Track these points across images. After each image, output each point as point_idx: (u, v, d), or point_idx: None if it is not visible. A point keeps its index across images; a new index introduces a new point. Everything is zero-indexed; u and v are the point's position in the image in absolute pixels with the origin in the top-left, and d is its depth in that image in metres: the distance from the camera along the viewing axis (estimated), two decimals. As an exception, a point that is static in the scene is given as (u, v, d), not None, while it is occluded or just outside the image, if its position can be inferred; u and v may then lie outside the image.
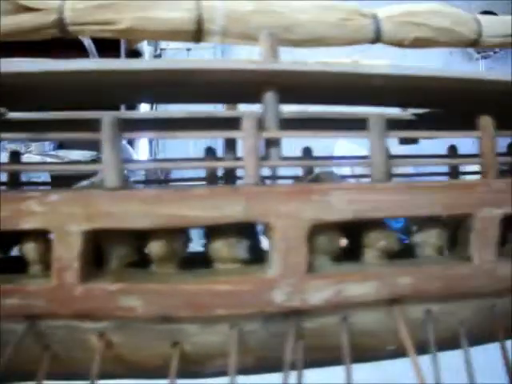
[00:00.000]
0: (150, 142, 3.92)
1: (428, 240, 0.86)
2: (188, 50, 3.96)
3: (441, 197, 0.80)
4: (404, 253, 0.87)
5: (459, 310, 0.85)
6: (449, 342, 0.84)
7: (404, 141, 1.21)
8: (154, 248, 0.76)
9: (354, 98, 0.95)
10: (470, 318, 0.85)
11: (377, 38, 0.87)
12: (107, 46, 2.80)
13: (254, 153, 0.72)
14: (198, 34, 0.81)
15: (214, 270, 0.78)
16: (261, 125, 0.75)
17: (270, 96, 0.75)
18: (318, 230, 0.77)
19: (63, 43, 1.09)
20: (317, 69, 0.74)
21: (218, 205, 0.70)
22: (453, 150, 1.13)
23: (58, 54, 1.37)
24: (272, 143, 0.77)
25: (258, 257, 0.81)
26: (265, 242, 0.86)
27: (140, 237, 0.76)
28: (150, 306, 0.71)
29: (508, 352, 0.84)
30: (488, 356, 1.01)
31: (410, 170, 2.57)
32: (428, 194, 0.79)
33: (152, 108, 3.03)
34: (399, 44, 0.89)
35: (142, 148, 3.92)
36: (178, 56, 3.95)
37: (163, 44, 3.94)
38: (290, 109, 0.90)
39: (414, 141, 1.24)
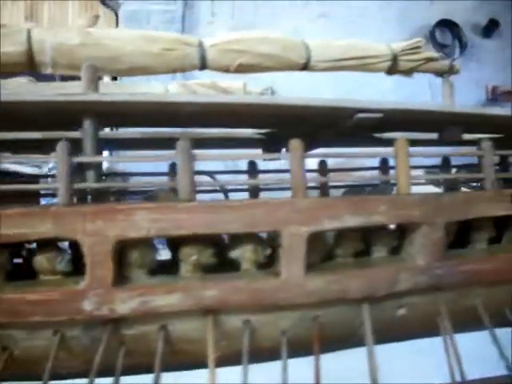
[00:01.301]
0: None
1: (244, 255, 0.92)
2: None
3: (246, 215, 0.86)
4: (228, 266, 0.94)
5: (279, 320, 0.92)
6: (271, 350, 0.91)
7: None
8: None
9: (171, 121, 1.02)
10: (292, 328, 0.93)
11: (203, 65, 0.96)
12: None
13: (65, 176, 0.80)
14: (31, 65, 0.90)
15: (37, 280, 0.87)
16: (80, 149, 0.84)
17: (87, 123, 0.84)
18: (130, 245, 0.86)
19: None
20: (124, 99, 0.82)
21: (30, 223, 0.79)
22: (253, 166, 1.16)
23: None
24: (89, 166, 0.85)
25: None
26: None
27: None
28: None
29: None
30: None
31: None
32: (232, 213, 0.85)
33: None
34: (226, 70, 0.98)
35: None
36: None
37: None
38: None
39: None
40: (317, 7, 4.44)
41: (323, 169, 1.27)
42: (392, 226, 1.03)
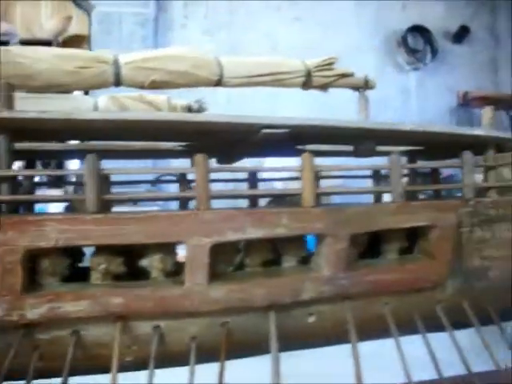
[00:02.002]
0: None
1: (152, 264, 0.97)
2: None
3: (150, 226, 0.90)
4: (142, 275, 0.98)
5: (188, 326, 0.96)
6: (181, 355, 0.95)
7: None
8: None
9: (85, 135, 1.06)
10: (201, 334, 0.97)
11: (117, 82, 1.00)
12: None
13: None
14: None
15: None
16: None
17: (1, 139, 0.88)
18: (42, 254, 0.90)
19: None
20: (33, 116, 0.85)
21: None
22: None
23: None
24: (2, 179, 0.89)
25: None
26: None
27: None
28: None
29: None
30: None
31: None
32: (137, 224, 0.90)
33: None
34: (141, 86, 1.02)
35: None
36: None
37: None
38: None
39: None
40: (291, 10, 4.50)
41: (253, 180, 1.32)
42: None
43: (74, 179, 1.40)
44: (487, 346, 1.04)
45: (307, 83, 1.10)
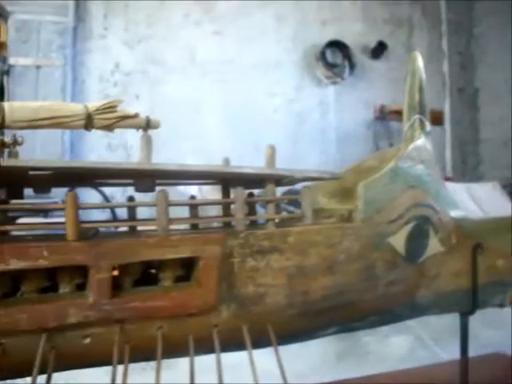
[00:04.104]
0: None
1: None
2: (38, 67, 4.11)
3: None
4: None
5: None
6: None
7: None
8: None
9: None
10: None
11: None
12: None
13: None
14: None
15: None
16: None
17: None
18: None
19: None
20: None
21: None
22: None
23: None
24: None
25: None
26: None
27: None
28: None
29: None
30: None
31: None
32: None
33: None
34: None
35: None
36: (28, 74, 4.11)
37: (12, 60, 4.06)
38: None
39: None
40: (211, 24, 4.61)
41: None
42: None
43: None
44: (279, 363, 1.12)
45: (88, 125, 1.19)
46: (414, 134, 1.41)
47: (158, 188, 1.13)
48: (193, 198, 1.30)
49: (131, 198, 1.25)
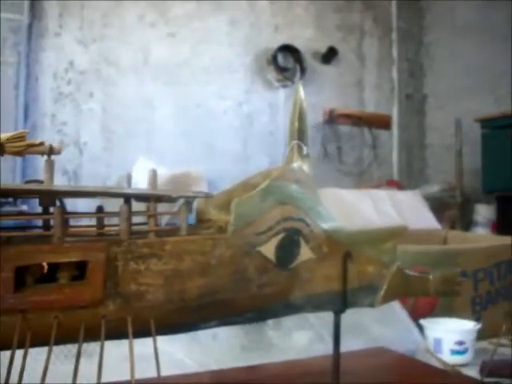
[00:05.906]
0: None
1: None
2: (-9, 65, 4.21)
3: None
4: None
5: None
6: None
7: None
8: None
9: None
10: None
11: None
12: None
13: None
14: None
15: None
16: None
17: None
18: None
19: None
20: None
21: None
22: None
23: None
24: None
25: None
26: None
27: None
28: None
29: None
30: None
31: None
32: None
33: None
34: None
35: None
36: (-19, 70, 4.20)
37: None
38: None
39: None
40: (166, 26, 4.75)
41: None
42: None
43: None
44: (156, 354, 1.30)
45: (1, 152, 1.35)
46: (292, 158, 1.61)
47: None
48: (100, 208, 1.47)
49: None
